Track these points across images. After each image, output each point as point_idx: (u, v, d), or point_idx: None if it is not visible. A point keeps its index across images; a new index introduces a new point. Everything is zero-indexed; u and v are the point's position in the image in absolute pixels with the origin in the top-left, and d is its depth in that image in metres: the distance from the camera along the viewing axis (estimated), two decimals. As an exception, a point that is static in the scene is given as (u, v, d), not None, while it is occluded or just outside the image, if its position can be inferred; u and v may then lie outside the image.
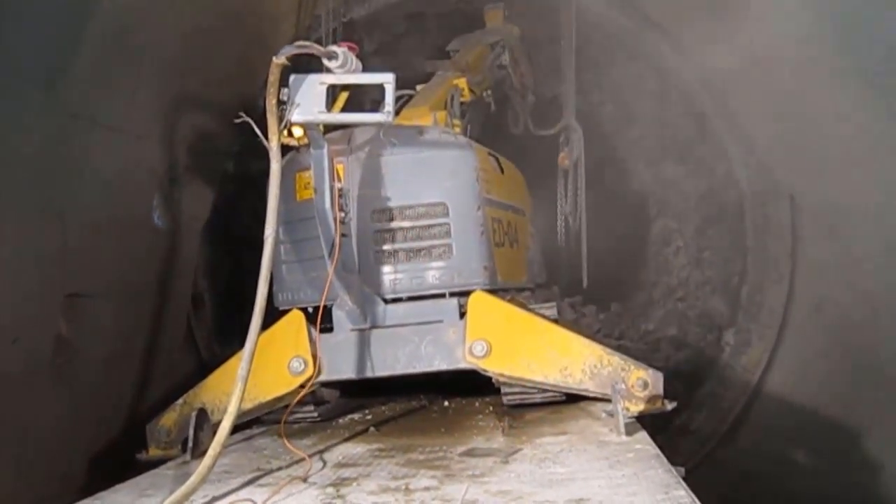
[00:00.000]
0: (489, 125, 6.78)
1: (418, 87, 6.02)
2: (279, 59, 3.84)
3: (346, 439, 4.75)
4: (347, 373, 4.85)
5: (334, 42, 4.40)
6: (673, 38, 7.30)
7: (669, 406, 4.44)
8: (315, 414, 5.25)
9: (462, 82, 6.12)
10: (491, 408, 5.30)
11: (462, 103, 5.97)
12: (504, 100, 7.24)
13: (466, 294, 4.83)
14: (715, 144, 7.70)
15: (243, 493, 3.76)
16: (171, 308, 6.05)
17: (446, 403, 5.60)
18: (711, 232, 8.00)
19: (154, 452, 4.75)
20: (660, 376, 4.44)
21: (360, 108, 4.30)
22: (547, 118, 7.38)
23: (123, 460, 4.76)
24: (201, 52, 5.51)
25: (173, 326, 6.22)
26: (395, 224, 4.86)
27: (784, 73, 5.82)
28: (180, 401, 4.85)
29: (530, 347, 4.68)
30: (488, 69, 6.74)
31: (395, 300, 4.87)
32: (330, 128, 4.59)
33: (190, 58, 5.46)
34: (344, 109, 4.27)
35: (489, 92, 6.73)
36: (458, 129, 5.69)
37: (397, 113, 4.82)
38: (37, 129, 4.41)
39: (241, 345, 3.86)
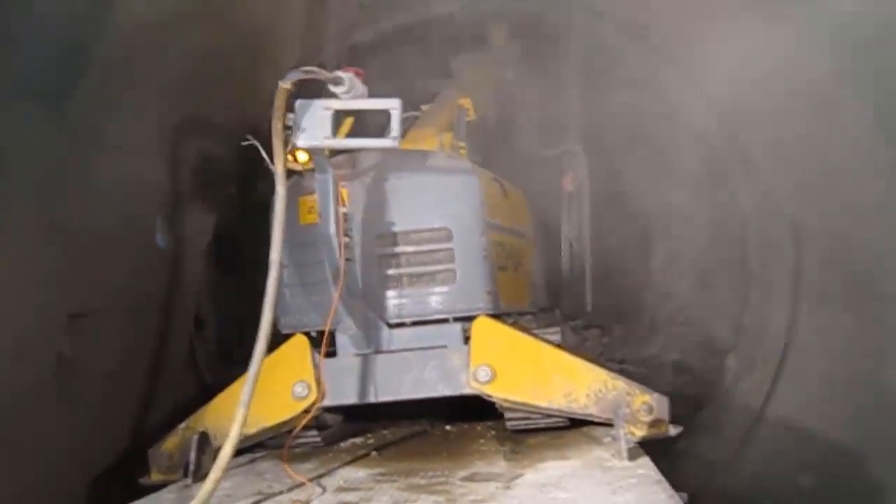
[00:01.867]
0: (492, 143, 6.78)
1: (423, 108, 6.04)
2: (285, 84, 3.86)
3: (348, 463, 4.75)
4: (351, 398, 4.84)
5: (339, 65, 4.41)
6: (680, 65, 7.32)
7: (674, 431, 4.44)
8: (318, 438, 5.24)
9: (467, 101, 6.15)
10: (493, 432, 5.29)
11: (467, 123, 6.00)
12: (508, 118, 7.24)
13: (470, 319, 4.83)
14: (719, 169, 7.70)
15: (245, 518, 3.76)
16: (172, 330, 6.05)
17: (448, 428, 5.59)
18: (714, 257, 7.99)
19: (156, 477, 4.74)
20: (665, 401, 4.45)
21: (365, 133, 4.31)
22: (551, 139, 7.39)
23: (126, 483, 4.75)
24: (208, 74, 5.53)
25: (175, 348, 6.21)
26: (399, 249, 4.87)
27: (786, 99, 5.83)
28: (183, 425, 4.84)
29: (534, 372, 4.68)
30: (493, 87, 6.75)
31: (399, 325, 4.88)
32: (334, 152, 4.62)
33: (196, 79, 5.48)
34: (349, 134, 4.29)
35: (493, 111, 6.74)
36: (463, 152, 5.71)
37: (403, 135, 4.84)
38: (41, 147, 4.42)
39: (244, 369, 3.87)
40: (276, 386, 4.70)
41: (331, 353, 4.88)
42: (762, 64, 5.72)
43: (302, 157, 4.38)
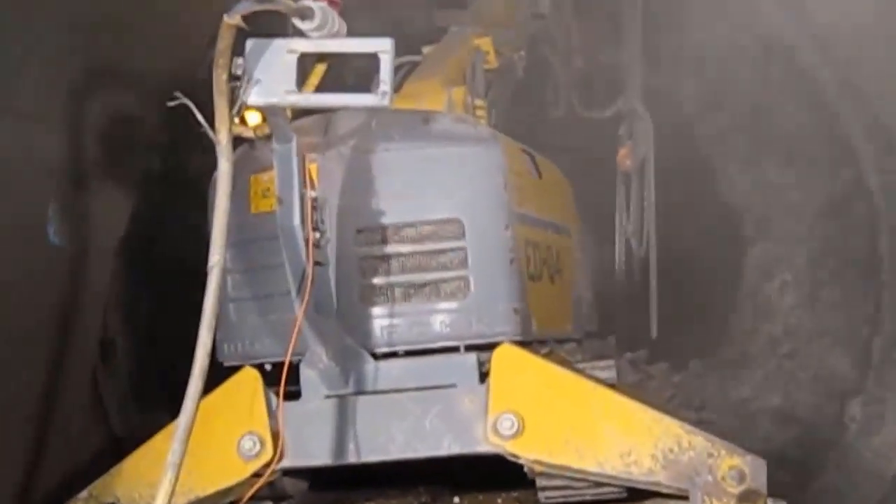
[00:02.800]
0: (519, 104, 6.79)
1: (425, 51, 6.05)
2: (232, 19, 3.84)
3: (315, 550, 4.78)
4: (321, 457, 4.85)
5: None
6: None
7: (775, 508, 4.46)
8: (273, 514, 5.27)
9: (486, 42, 6.17)
10: (520, 508, 5.32)
11: (486, 72, 6.01)
12: (541, 66, 7.25)
13: (490, 348, 4.82)
14: (838, 138, 7.72)
15: None
16: (70, 359, 6.06)
17: (457, 501, 5.60)
18: (832, 262, 8.02)
19: (50, 565, 4.78)
20: (762, 464, 4.45)
21: (343, 86, 4.32)
22: (601, 95, 7.40)
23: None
24: (121, 9, 5.55)
25: (73, 385, 6.22)
26: (389, 248, 4.86)
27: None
28: (84, 494, 4.85)
29: (578, 424, 4.68)
30: (521, 20, 6.76)
31: (389, 355, 4.87)
32: (299, 113, 4.62)
33: (104, 11, 5.49)
34: (320, 88, 4.30)
35: (522, 54, 6.75)
36: (481, 114, 5.72)
37: (397, 89, 4.84)
38: None
39: (170, 414, 3.87)
40: (216, 439, 4.72)
41: (293, 394, 4.87)
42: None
43: (253, 117, 4.39)
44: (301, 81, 4.12)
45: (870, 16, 6.36)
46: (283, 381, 4.65)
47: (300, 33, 4.09)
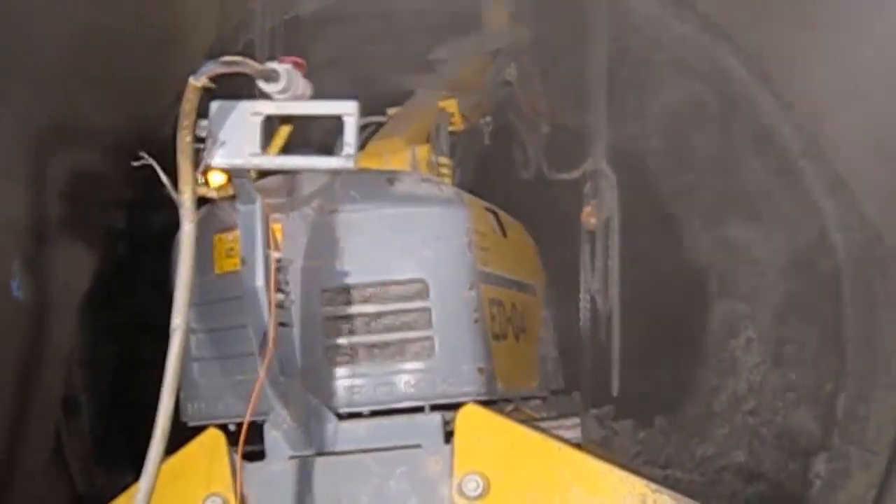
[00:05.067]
0: (485, 166, 6.81)
1: (390, 112, 6.06)
2: (198, 81, 3.85)
3: None
4: (285, 519, 4.83)
5: (272, 51, 4.42)
6: (744, 49, 7.41)
7: (742, 568, 4.46)
8: (236, 577, 5.21)
9: (452, 105, 6.18)
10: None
11: (452, 133, 6.02)
12: (508, 131, 7.29)
13: (455, 407, 4.80)
14: (801, 195, 7.77)
15: None
16: (32, 415, 6.02)
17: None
18: (796, 318, 8.04)
19: None
20: (727, 525, 4.46)
21: (308, 148, 4.32)
22: (567, 157, 7.43)
23: None
24: (87, 61, 5.55)
25: (35, 443, 6.18)
26: (354, 309, 4.84)
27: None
28: (46, 557, 4.82)
29: (544, 484, 4.65)
30: (488, 88, 6.79)
31: (353, 415, 4.84)
32: (263, 173, 4.62)
33: (70, 69, 5.49)
34: (285, 150, 4.29)
35: (488, 119, 6.78)
36: (445, 172, 5.73)
37: (362, 146, 4.84)
38: None
39: (135, 474, 3.84)
40: (178, 501, 4.65)
41: (257, 455, 4.84)
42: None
43: (217, 178, 4.37)
44: (266, 143, 4.12)
45: (832, 72, 6.42)
46: (241, 442, 4.61)
47: (266, 95, 4.11)
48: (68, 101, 5.66)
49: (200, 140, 3.96)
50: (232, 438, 4.82)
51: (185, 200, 3.90)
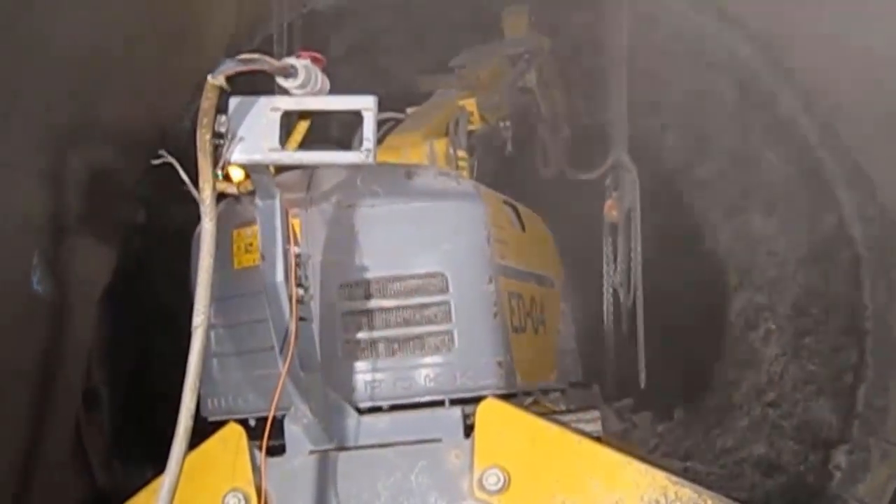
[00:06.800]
0: (507, 166, 6.80)
1: (409, 111, 6.07)
2: (216, 79, 3.85)
3: None
4: (305, 513, 4.83)
5: (290, 47, 4.41)
6: (762, 40, 7.38)
7: (762, 559, 4.46)
8: (258, 571, 5.22)
9: (470, 103, 6.17)
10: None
11: (470, 133, 6.02)
12: (528, 134, 7.27)
13: (474, 401, 4.79)
14: (821, 187, 7.74)
15: None
16: (52, 409, 6.04)
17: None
18: (816, 310, 8.02)
19: None
20: (749, 515, 4.45)
21: (326, 143, 4.31)
22: (589, 157, 7.41)
23: None
24: (106, 62, 5.56)
25: (56, 436, 6.19)
26: (373, 303, 4.84)
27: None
28: (67, 551, 4.83)
29: (565, 478, 4.64)
30: (507, 91, 6.79)
31: (373, 410, 4.84)
32: (282, 168, 4.62)
33: (89, 69, 5.50)
34: (304, 145, 4.29)
35: (507, 123, 6.77)
36: (463, 166, 5.72)
37: (380, 142, 4.83)
38: None
39: (154, 467, 3.84)
40: (200, 496, 4.65)
41: (277, 449, 4.84)
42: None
43: (236, 173, 4.36)
44: (284, 138, 4.12)
45: (849, 62, 6.40)
46: (265, 437, 4.61)
47: (284, 91, 4.10)
48: (86, 98, 5.66)
49: (220, 136, 3.96)
50: (251, 433, 4.83)
51: (206, 198, 3.89)
